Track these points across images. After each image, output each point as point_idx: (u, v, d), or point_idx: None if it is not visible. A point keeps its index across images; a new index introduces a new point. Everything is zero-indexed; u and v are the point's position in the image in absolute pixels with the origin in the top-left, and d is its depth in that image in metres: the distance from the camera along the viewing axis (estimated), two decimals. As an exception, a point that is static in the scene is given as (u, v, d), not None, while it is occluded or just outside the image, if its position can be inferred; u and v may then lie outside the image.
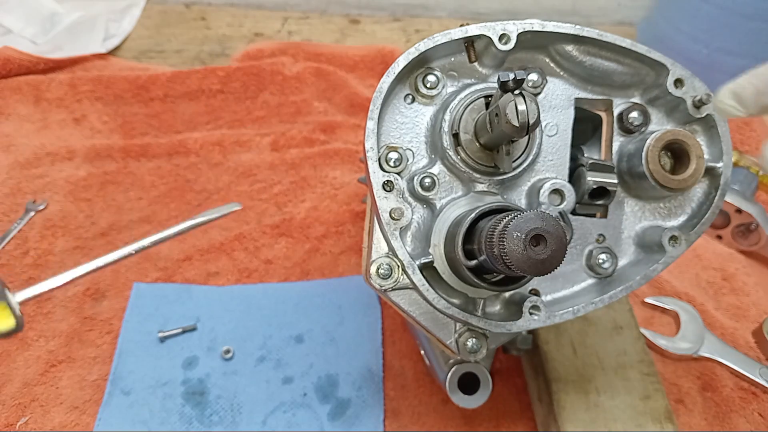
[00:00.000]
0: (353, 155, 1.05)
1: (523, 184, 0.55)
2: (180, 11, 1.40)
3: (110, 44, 1.26)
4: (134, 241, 0.90)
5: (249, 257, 0.90)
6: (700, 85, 0.53)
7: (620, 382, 0.68)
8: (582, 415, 0.66)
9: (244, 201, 0.98)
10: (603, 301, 0.52)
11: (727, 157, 0.54)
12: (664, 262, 0.53)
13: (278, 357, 0.78)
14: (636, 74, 0.55)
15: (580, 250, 0.56)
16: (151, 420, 0.72)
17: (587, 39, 0.53)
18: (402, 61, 0.51)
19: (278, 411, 0.74)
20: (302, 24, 1.40)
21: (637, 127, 0.55)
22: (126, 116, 1.10)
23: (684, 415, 0.76)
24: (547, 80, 0.53)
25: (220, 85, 1.15)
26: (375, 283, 0.51)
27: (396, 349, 0.80)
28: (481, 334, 0.53)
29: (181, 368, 0.76)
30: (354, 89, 1.17)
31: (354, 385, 0.76)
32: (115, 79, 1.12)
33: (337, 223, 0.95)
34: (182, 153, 1.03)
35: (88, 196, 0.96)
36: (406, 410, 0.75)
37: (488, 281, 0.48)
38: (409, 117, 0.54)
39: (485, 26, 0.51)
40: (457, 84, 0.54)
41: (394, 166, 0.52)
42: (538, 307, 0.50)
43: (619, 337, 0.72)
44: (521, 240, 0.37)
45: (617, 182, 0.54)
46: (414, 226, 0.53)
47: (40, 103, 1.09)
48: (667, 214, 0.56)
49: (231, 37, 1.34)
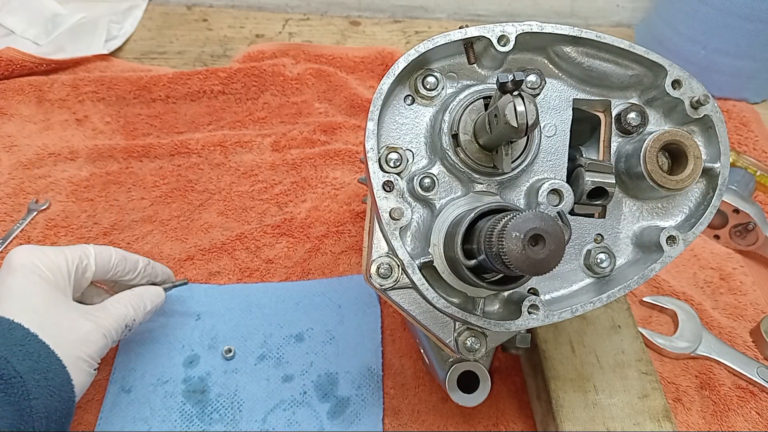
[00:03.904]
0: (354, 156, 1.06)
1: (521, 185, 0.55)
2: (182, 13, 1.41)
3: (112, 45, 1.26)
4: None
5: (250, 257, 0.90)
6: (698, 86, 0.54)
7: (618, 381, 0.69)
8: (580, 414, 0.66)
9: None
10: (601, 300, 0.52)
11: (725, 158, 0.54)
12: (662, 262, 0.53)
13: (278, 355, 0.79)
14: (634, 75, 0.55)
15: (578, 249, 0.56)
16: (152, 418, 0.72)
17: (586, 40, 0.53)
18: (402, 62, 0.52)
19: (278, 409, 0.74)
20: (303, 25, 1.41)
21: (635, 127, 0.56)
22: (128, 117, 1.11)
23: (682, 414, 0.76)
24: (545, 81, 0.54)
25: (222, 86, 1.15)
26: (375, 283, 0.51)
27: (396, 347, 0.81)
28: (480, 333, 0.53)
29: (182, 366, 0.77)
30: (354, 90, 1.17)
31: (354, 383, 0.77)
32: (118, 80, 1.13)
33: (337, 222, 0.95)
34: (184, 153, 1.04)
35: (90, 196, 0.97)
36: (405, 408, 0.75)
37: (487, 281, 0.48)
38: (409, 118, 0.54)
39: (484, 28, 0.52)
40: (456, 85, 0.55)
41: (394, 166, 0.53)
42: (536, 306, 0.50)
43: (617, 336, 0.73)
44: (520, 240, 0.38)
45: (615, 182, 0.54)
46: (414, 225, 0.53)
47: (42, 103, 1.10)
48: (665, 214, 0.57)
49: (232, 38, 1.35)
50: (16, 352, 0.53)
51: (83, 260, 0.65)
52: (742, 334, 0.86)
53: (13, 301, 0.58)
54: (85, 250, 0.67)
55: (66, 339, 0.58)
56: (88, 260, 0.66)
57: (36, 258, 0.62)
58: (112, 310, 0.66)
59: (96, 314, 0.64)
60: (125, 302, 0.68)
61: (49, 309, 0.59)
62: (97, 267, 0.67)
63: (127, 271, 0.70)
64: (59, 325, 0.59)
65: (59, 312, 0.60)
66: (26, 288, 0.59)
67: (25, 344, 0.54)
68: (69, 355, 0.57)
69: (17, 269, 0.60)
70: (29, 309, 0.58)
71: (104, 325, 0.63)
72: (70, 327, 0.60)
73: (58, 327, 0.59)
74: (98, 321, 0.63)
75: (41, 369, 0.54)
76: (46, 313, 0.59)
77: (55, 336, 0.57)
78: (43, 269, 0.61)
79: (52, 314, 0.59)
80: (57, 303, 0.61)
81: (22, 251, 0.62)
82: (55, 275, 0.62)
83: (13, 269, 0.60)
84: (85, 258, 0.66)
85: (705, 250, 0.96)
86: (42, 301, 0.59)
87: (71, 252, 0.65)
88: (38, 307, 0.59)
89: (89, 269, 0.66)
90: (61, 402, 0.55)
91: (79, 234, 0.91)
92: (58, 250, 0.64)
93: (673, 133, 0.52)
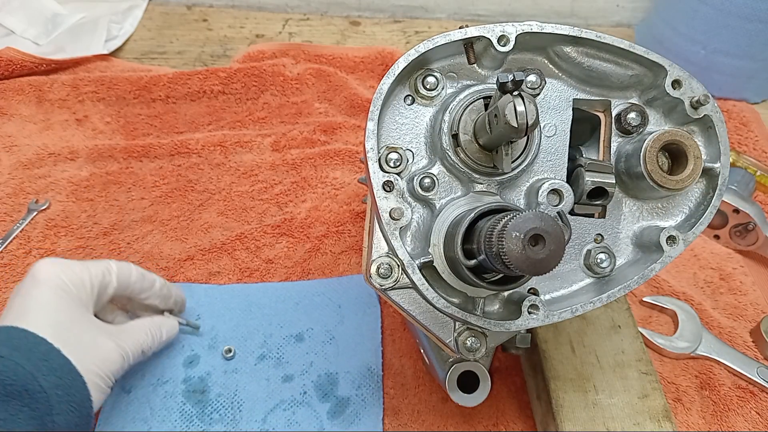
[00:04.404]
0: (353, 156, 1.06)
1: (521, 185, 0.55)
2: (182, 13, 1.41)
3: (112, 45, 1.26)
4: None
5: (250, 257, 0.90)
6: (698, 86, 0.54)
7: (618, 381, 0.69)
8: (580, 414, 0.66)
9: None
10: (601, 300, 0.52)
11: (725, 158, 0.54)
12: (662, 262, 0.53)
13: (278, 355, 0.79)
14: (634, 75, 0.55)
15: (578, 249, 0.56)
16: (152, 418, 0.72)
17: (586, 40, 0.53)
18: (402, 62, 0.52)
19: (278, 409, 0.74)
20: (303, 25, 1.41)
21: (635, 127, 0.56)
22: (128, 117, 1.11)
23: (682, 414, 0.76)
24: (545, 81, 0.54)
25: (222, 86, 1.15)
26: (375, 283, 0.51)
27: (395, 347, 0.81)
28: (480, 333, 0.53)
29: (182, 366, 0.77)
30: (354, 90, 1.17)
31: (354, 383, 0.77)
32: (118, 80, 1.13)
33: (337, 222, 0.95)
34: (184, 153, 1.04)
35: (90, 196, 0.97)
36: (405, 408, 0.75)
37: (487, 280, 0.48)
38: (409, 118, 0.54)
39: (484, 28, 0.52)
40: (456, 85, 0.55)
41: (394, 166, 0.53)
42: (536, 306, 0.50)
43: (617, 336, 0.73)
44: (520, 240, 0.38)
45: (615, 182, 0.54)
46: (414, 225, 0.53)
47: (42, 103, 1.10)
48: (665, 214, 0.57)
49: (232, 38, 1.35)
50: (41, 367, 0.53)
51: (106, 276, 0.65)
52: (742, 334, 0.86)
53: (39, 315, 0.58)
54: (108, 267, 0.66)
55: (87, 356, 0.58)
56: (110, 276, 0.66)
57: (62, 272, 0.61)
58: (132, 334, 0.66)
59: (117, 335, 0.64)
60: (146, 329, 0.69)
61: (73, 324, 0.60)
62: (118, 283, 0.67)
63: (144, 288, 0.70)
64: (82, 341, 0.59)
65: (82, 328, 0.60)
66: (52, 302, 0.59)
67: (49, 359, 0.55)
68: (89, 371, 0.58)
69: (43, 282, 0.60)
70: (54, 323, 0.58)
71: (124, 346, 0.63)
72: (91, 344, 0.60)
73: (80, 343, 0.59)
74: (119, 341, 0.63)
75: (64, 385, 0.54)
76: (69, 329, 0.59)
77: (78, 352, 0.57)
78: (68, 283, 0.61)
79: (75, 330, 0.59)
80: (81, 318, 0.61)
81: (48, 264, 0.62)
82: (79, 290, 0.62)
83: (39, 282, 0.60)
84: (108, 274, 0.66)
85: (705, 250, 0.96)
86: (66, 316, 0.59)
87: (95, 267, 0.65)
88: (63, 321, 0.59)
89: (111, 285, 0.66)
90: (80, 418, 0.55)
91: (79, 234, 0.91)
92: (82, 264, 0.64)
93: (673, 133, 0.52)
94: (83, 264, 0.64)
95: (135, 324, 0.69)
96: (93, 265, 0.65)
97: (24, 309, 0.58)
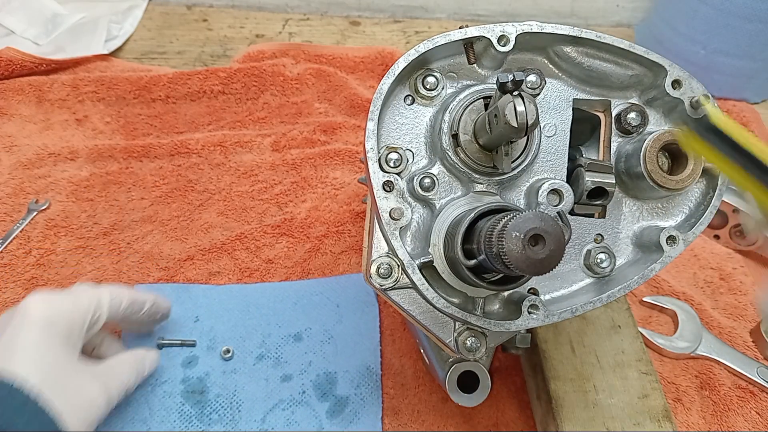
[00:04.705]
0: (354, 156, 1.06)
1: (521, 185, 0.55)
2: (182, 13, 1.41)
3: (112, 45, 1.26)
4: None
5: (250, 257, 0.90)
6: (697, 86, 0.54)
7: (618, 381, 0.69)
8: (580, 414, 0.66)
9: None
10: (601, 300, 0.52)
11: (724, 158, 0.54)
12: (662, 262, 0.53)
13: (277, 355, 0.79)
14: (634, 75, 0.55)
15: (578, 249, 0.56)
16: (151, 418, 0.72)
17: (586, 40, 0.53)
18: (402, 62, 0.52)
19: (277, 409, 0.74)
20: (303, 25, 1.41)
21: (635, 127, 0.56)
22: (128, 117, 1.11)
23: (682, 414, 0.76)
24: (545, 81, 0.54)
25: (222, 87, 1.15)
26: (375, 283, 0.51)
27: (395, 347, 0.81)
28: (480, 333, 0.53)
29: (180, 367, 0.77)
30: (354, 90, 1.17)
31: (353, 383, 0.77)
32: (118, 80, 1.13)
33: (337, 222, 0.95)
34: (184, 153, 1.04)
35: (90, 196, 0.97)
36: (405, 408, 0.75)
37: (487, 280, 0.48)
38: (409, 118, 0.54)
39: (484, 28, 0.52)
40: (456, 85, 0.55)
41: (394, 166, 0.53)
42: (536, 306, 0.51)
43: (617, 336, 0.73)
44: (520, 240, 0.38)
45: (615, 182, 0.54)
46: (414, 225, 0.53)
47: (42, 103, 1.10)
48: (665, 214, 0.57)
49: (232, 38, 1.35)
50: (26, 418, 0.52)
51: (96, 312, 0.64)
52: (742, 334, 0.86)
53: (26, 357, 0.57)
54: (101, 299, 0.65)
55: (73, 403, 0.58)
56: (101, 310, 0.65)
57: (53, 311, 0.60)
58: (117, 372, 0.65)
59: (102, 376, 0.63)
60: (130, 366, 0.67)
61: (61, 369, 0.59)
62: (108, 316, 0.66)
63: (133, 312, 0.70)
64: (68, 387, 0.58)
65: (69, 373, 0.59)
66: (41, 344, 0.58)
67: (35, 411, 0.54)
68: (74, 420, 0.57)
69: (35, 323, 0.59)
70: (41, 368, 0.57)
71: (109, 389, 0.62)
72: (77, 390, 0.59)
73: (66, 390, 0.58)
74: (105, 384, 0.62)
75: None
76: (58, 374, 0.58)
77: (64, 401, 0.56)
78: (59, 325, 0.60)
79: (62, 375, 0.58)
80: (69, 361, 0.60)
81: (39, 303, 0.60)
82: (69, 331, 0.61)
83: (31, 322, 0.59)
84: (99, 309, 0.65)
85: (705, 250, 0.96)
86: (55, 359, 0.58)
87: (88, 302, 0.63)
88: (51, 365, 0.58)
89: (101, 320, 0.65)
90: None
91: (79, 234, 0.91)
92: (74, 302, 0.63)
93: (674, 133, 0.52)
94: (75, 301, 0.63)
95: (119, 361, 0.67)
96: (85, 299, 0.64)
97: (12, 349, 0.57)
